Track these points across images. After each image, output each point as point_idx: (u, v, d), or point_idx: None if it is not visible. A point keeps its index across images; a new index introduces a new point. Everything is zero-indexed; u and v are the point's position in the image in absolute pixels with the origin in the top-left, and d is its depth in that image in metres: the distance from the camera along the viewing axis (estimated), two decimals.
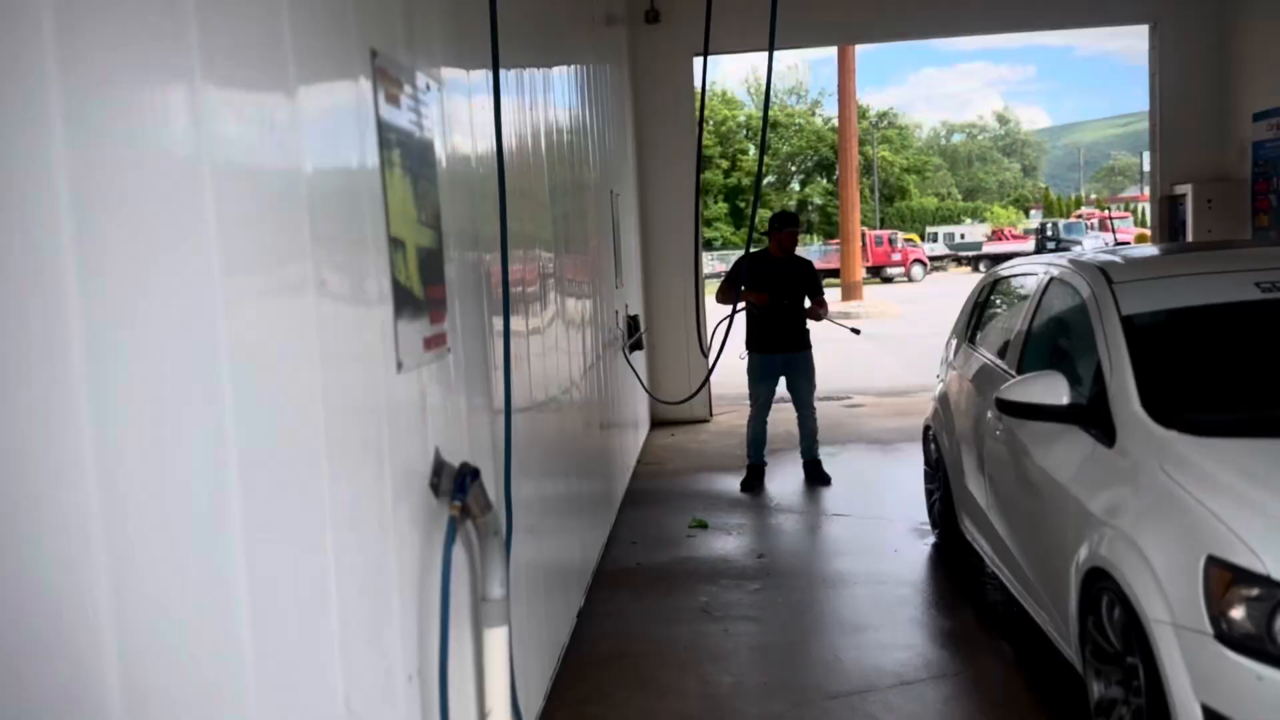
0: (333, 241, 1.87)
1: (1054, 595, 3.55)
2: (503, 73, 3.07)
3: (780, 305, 6.85)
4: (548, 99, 4.62)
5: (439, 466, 2.36)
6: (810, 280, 7.09)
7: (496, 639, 2.51)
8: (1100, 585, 3.05)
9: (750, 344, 7.10)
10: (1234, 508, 2.70)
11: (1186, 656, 2.60)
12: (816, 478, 7.14)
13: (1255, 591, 2.49)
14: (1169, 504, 2.87)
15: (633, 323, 7.85)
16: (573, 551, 4.66)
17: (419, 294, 2.27)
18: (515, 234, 3.50)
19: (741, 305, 6.89)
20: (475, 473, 2.37)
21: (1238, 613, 2.51)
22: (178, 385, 1.37)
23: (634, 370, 7.50)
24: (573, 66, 5.61)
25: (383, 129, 2.12)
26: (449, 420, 2.55)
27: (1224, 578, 2.56)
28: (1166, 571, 2.71)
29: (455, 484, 2.32)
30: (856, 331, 8.34)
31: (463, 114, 2.94)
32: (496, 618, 2.51)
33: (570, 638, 4.41)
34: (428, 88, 2.51)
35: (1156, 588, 2.72)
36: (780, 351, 7.00)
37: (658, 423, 9.66)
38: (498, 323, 3.01)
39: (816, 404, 7.23)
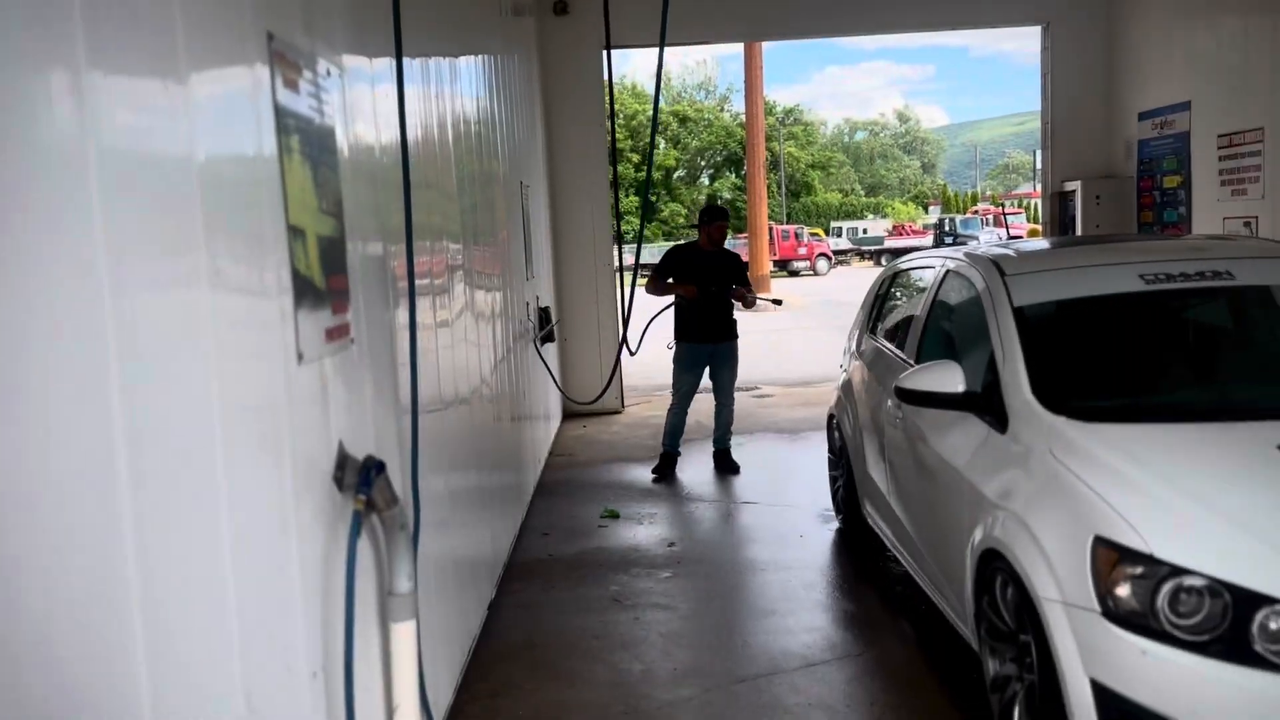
0: (228, 231, 1.83)
1: (951, 576, 3.66)
2: (407, 61, 3.03)
3: (709, 294, 6.94)
4: (455, 89, 4.57)
5: (343, 460, 2.32)
6: (738, 273, 7.27)
7: (404, 633, 2.49)
8: (994, 566, 3.16)
9: (679, 334, 7.20)
10: (1119, 490, 2.83)
11: (1076, 633, 2.71)
12: (726, 466, 7.25)
13: (1139, 570, 2.61)
14: (1058, 487, 2.99)
15: (544, 315, 7.83)
16: (483, 544, 4.64)
17: (320, 284, 2.23)
18: (422, 225, 3.46)
19: (669, 300, 7.08)
20: (380, 466, 2.34)
21: (1123, 590, 2.63)
22: (61, 379, 1.33)
23: (545, 365, 7.48)
24: (480, 57, 5.56)
25: (281, 115, 2.08)
26: (353, 413, 2.52)
27: (1110, 557, 2.68)
28: (1056, 552, 2.83)
29: (360, 477, 2.29)
30: (778, 303, 8.67)
31: (366, 102, 2.89)
32: (403, 612, 2.49)
33: (481, 630, 4.38)
34: (328, 73, 2.46)
35: (1047, 567, 2.83)
36: (708, 341, 7.10)
37: (569, 415, 9.66)
38: (404, 314, 2.97)
39: None
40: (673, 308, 7.21)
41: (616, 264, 8.86)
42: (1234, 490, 2.81)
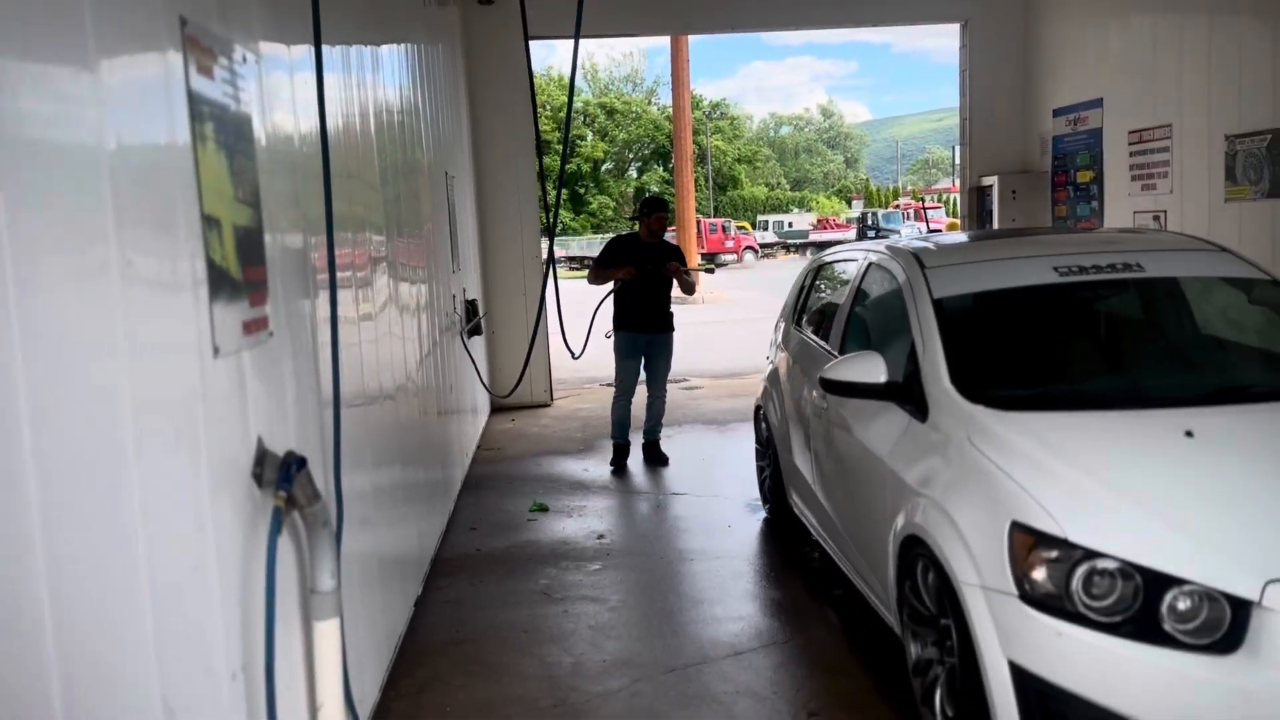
0: (139, 221, 1.77)
1: (874, 563, 3.73)
2: (327, 49, 2.98)
3: (646, 274, 7.01)
4: (377, 78, 4.50)
5: (262, 456, 2.27)
6: (678, 263, 7.32)
7: (327, 631, 2.45)
8: (916, 552, 3.23)
9: (617, 323, 7.24)
10: (1034, 476, 2.91)
11: (994, 616, 2.78)
12: (655, 458, 7.29)
13: (1054, 554, 2.69)
14: (976, 474, 3.06)
15: (471, 307, 7.76)
16: (409, 540, 4.58)
17: (237, 275, 2.17)
18: (343, 216, 3.40)
19: (609, 289, 7.20)
20: (301, 461, 2.30)
21: (1039, 574, 2.70)
22: None
23: (471, 358, 7.41)
24: (403, 45, 5.47)
25: (195, 101, 2.02)
26: (273, 408, 2.46)
27: (1026, 541, 2.75)
28: (975, 537, 2.90)
29: (280, 474, 2.24)
30: (711, 271, 8.75)
31: (284, 90, 2.83)
32: (327, 610, 2.44)
33: (407, 627, 4.33)
34: (244, 60, 2.40)
35: (966, 553, 2.90)
36: (646, 331, 7.15)
37: (498, 408, 9.59)
38: (326, 307, 2.91)
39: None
40: (612, 296, 7.26)
41: (545, 256, 8.84)
42: (1145, 476, 2.90)
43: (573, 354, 7.66)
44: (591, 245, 49.69)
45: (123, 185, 1.70)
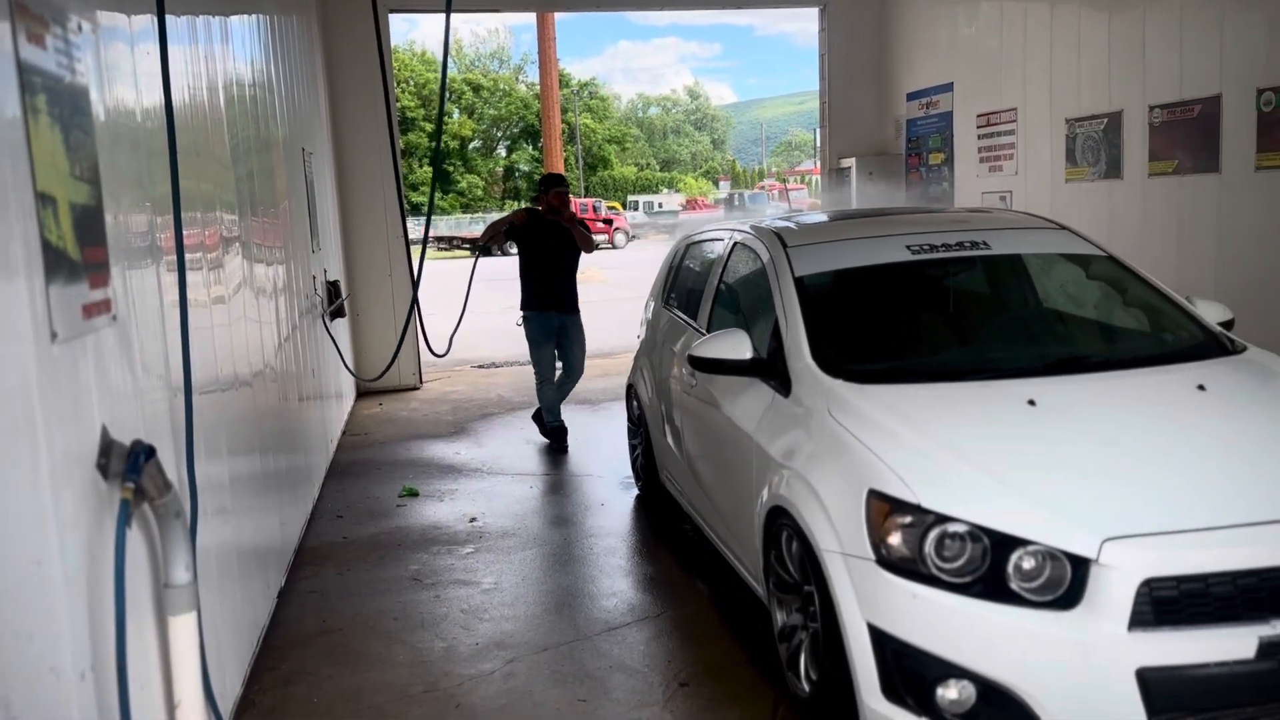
0: None
1: (742, 535, 3.82)
2: (171, 19, 2.84)
3: (546, 248, 6.95)
4: (227, 50, 4.31)
5: (107, 446, 2.16)
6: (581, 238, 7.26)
7: (183, 626, 2.36)
8: (780, 522, 3.32)
9: (525, 303, 7.13)
10: (890, 446, 3.02)
11: (854, 581, 2.88)
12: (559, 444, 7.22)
13: (908, 519, 2.80)
14: (836, 445, 3.17)
15: (333, 288, 7.54)
16: (270, 530, 4.45)
17: (75, 256, 2.06)
18: (192, 194, 3.26)
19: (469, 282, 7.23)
20: (150, 451, 2.20)
21: (895, 539, 2.81)
22: None
23: (333, 341, 7.20)
24: (255, 16, 5.25)
25: (25, 72, 1.90)
26: (118, 395, 2.35)
27: (882, 508, 2.86)
28: (835, 506, 3.00)
29: (127, 464, 2.14)
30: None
31: (125, 62, 2.68)
32: (182, 604, 2.36)
33: (271, 619, 4.21)
34: (80, 29, 2.27)
35: (827, 521, 3.00)
36: (556, 309, 7.08)
37: (365, 392, 9.38)
38: (174, 289, 2.79)
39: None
40: (519, 275, 7.15)
41: (412, 234, 8.65)
42: (991, 443, 3.05)
43: (435, 353, 7.58)
44: (460, 225, 48.88)
45: None
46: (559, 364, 7.25)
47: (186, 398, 2.71)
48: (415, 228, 14.93)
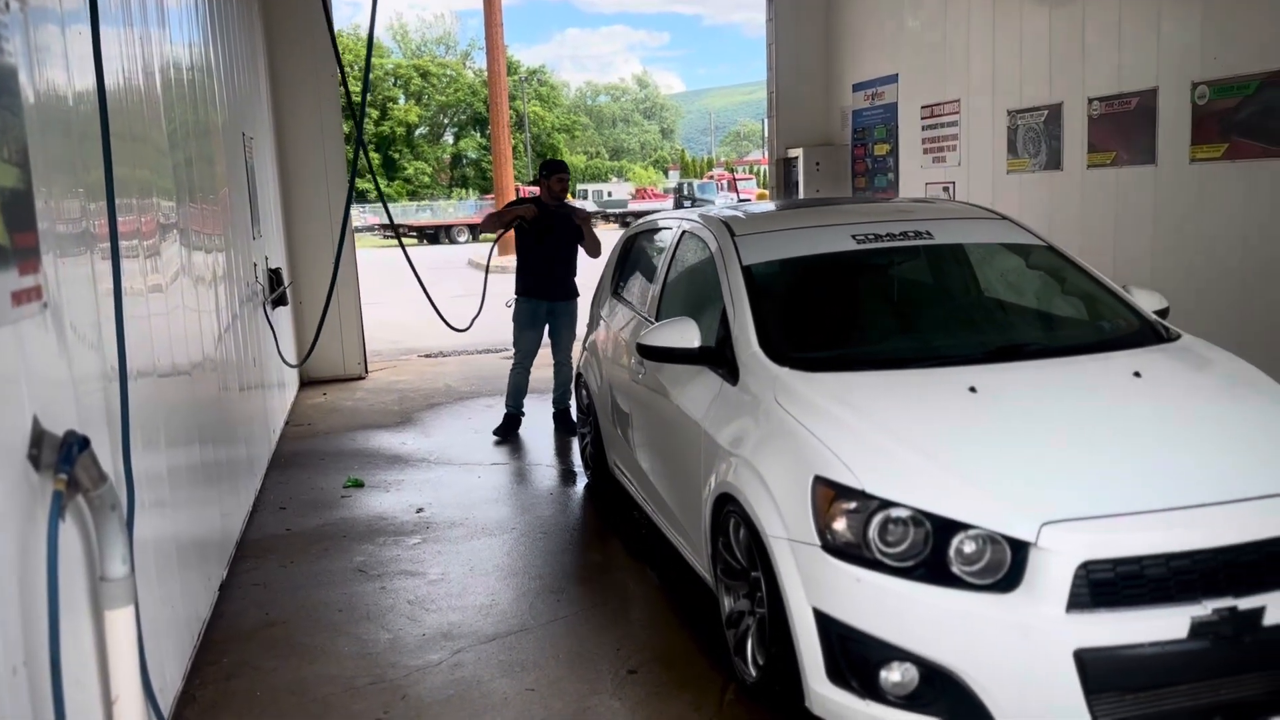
0: None
1: (690, 522, 3.84)
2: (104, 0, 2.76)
3: (546, 232, 6.90)
4: (164, 32, 4.21)
5: (38, 436, 2.11)
6: (582, 224, 7.23)
7: (120, 620, 2.31)
8: (728, 509, 3.34)
9: (520, 289, 7.11)
10: (835, 433, 3.05)
11: (800, 567, 2.91)
12: (567, 428, 7.17)
13: (853, 505, 2.83)
14: (782, 432, 3.19)
15: (275, 276, 7.41)
16: (211, 522, 4.37)
17: (4, 242, 1.99)
18: (127, 180, 3.18)
19: (499, 235, 7.23)
20: (84, 442, 2.14)
21: (840, 524, 2.84)
22: None
23: (272, 329, 7.08)
24: None
25: None
26: (50, 385, 2.28)
27: (828, 494, 2.89)
28: (781, 492, 3.02)
29: (60, 455, 2.09)
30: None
31: (56, 43, 2.60)
32: (119, 598, 2.31)
33: (212, 612, 4.15)
34: (8, 7, 2.19)
35: (774, 507, 3.02)
36: (548, 297, 7.05)
37: (308, 382, 9.25)
38: (108, 277, 2.72)
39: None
40: (516, 263, 7.12)
41: (362, 222, 8.53)
42: (934, 429, 3.09)
43: (455, 328, 7.58)
44: (407, 212, 48.33)
45: None
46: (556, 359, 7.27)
47: (122, 387, 2.65)
48: (359, 215, 14.71)
